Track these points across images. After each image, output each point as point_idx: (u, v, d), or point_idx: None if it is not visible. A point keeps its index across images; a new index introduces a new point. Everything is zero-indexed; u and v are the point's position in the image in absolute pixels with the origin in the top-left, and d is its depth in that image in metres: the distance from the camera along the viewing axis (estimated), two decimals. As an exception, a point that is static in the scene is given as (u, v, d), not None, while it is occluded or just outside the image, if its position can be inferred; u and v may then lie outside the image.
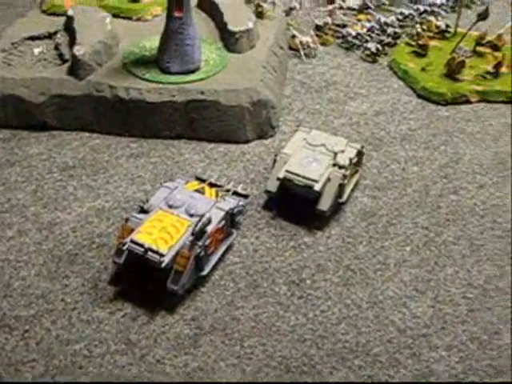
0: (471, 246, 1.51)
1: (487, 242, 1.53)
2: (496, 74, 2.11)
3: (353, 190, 1.63)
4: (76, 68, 1.76)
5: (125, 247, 1.28)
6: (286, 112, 1.93)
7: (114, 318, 1.29)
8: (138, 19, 2.11)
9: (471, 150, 1.84)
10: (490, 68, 2.12)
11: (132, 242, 1.28)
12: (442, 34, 2.34)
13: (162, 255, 1.25)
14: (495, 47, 2.25)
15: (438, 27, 2.34)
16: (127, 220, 1.34)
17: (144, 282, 1.34)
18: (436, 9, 2.54)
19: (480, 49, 2.25)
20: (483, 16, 2.15)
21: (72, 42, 1.86)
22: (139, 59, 1.84)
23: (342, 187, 1.52)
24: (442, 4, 2.57)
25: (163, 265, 1.25)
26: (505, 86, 2.08)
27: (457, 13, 2.36)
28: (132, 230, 1.31)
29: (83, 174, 1.65)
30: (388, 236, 1.53)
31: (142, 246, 1.27)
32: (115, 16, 2.06)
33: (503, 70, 2.13)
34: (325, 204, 1.50)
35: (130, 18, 2.11)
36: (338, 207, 1.56)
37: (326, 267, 1.43)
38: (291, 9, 2.33)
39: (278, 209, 1.56)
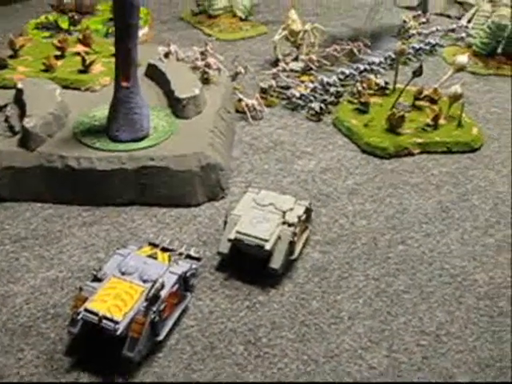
0: (422, 294, 1.56)
1: (437, 289, 1.58)
2: (435, 126, 2.21)
3: (304, 247, 1.66)
4: (26, 140, 1.78)
5: (79, 316, 1.28)
6: (235, 174, 1.97)
7: (70, 390, 1.28)
8: (87, 89, 2.15)
9: (416, 201, 1.90)
10: (428, 121, 2.22)
11: (86, 310, 1.28)
12: (381, 90, 2.44)
13: (116, 323, 1.25)
14: (432, 100, 2.36)
15: (377, 84, 2.44)
16: (81, 289, 1.35)
17: (101, 351, 1.33)
18: (375, 67, 2.65)
19: (418, 103, 2.35)
20: (418, 73, 2.26)
21: (22, 115, 1.88)
22: (89, 129, 1.87)
23: (292, 244, 1.55)
24: (381, 62, 2.68)
25: (118, 332, 1.25)
26: (444, 137, 2.18)
27: (394, 70, 2.47)
28: (86, 299, 1.31)
29: (36, 245, 1.65)
30: (340, 289, 1.56)
31: (96, 314, 1.27)
32: (65, 87, 2.10)
33: (441, 121, 2.23)
34: (276, 262, 1.53)
35: (79, 89, 2.15)
36: (289, 264, 1.60)
37: (281, 324, 1.45)
38: (236, 73, 2.40)
39: (231, 269, 1.59)
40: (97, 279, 1.37)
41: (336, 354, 1.38)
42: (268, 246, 1.50)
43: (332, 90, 2.42)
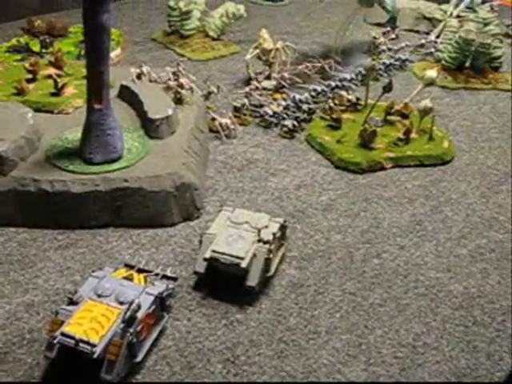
0: (398, 307, 1.58)
1: (412, 301, 1.59)
2: (406, 140, 2.24)
3: (280, 263, 1.67)
4: (-1, 164, 1.78)
5: (55, 341, 1.27)
6: (210, 193, 1.98)
7: (48, 416, 1.27)
8: (60, 112, 2.15)
9: (390, 214, 1.93)
10: (400, 135, 2.25)
11: (62, 334, 1.27)
12: (353, 106, 2.47)
13: (93, 345, 1.25)
14: (403, 115, 2.39)
15: (349, 100, 2.47)
16: (57, 313, 1.33)
17: (78, 375, 1.32)
18: (346, 83, 2.68)
19: (390, 118, 2.39)
20: (388, 88, 2.30)
21: (-6, 139, 1.87)
22: (62, 151, 1.87)
23: (268, 262, 1.56)
24: (352, 78, 2.72)
25: (95, 355, 1.24)
26: (415, 151, 2.21)
27: (365, 86, 2.51)
28: (62, 323, 1.30)
29: (11, 270, 1.64)
30: (317, 305, 1.57)
31: (72, 337, 1.26)
32: (37, 110, 2.09)
33: (413, 135, 2.27)
34: (253, 280, 1.53)
35: (51, 112, 2.14)
36: (266, 281, 1.60)
37: (259, 342, 1.45)
38: (209, 93, 2.41)
39: (208, 288, 1.59)
40: (73, 302, 1.36)
41: (314, 370, 1.39)
42: (244, 264, 1.50)
43: (304, 107, 2.44)
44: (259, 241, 1.57)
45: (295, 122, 2.34)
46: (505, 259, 1.75)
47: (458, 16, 3.44)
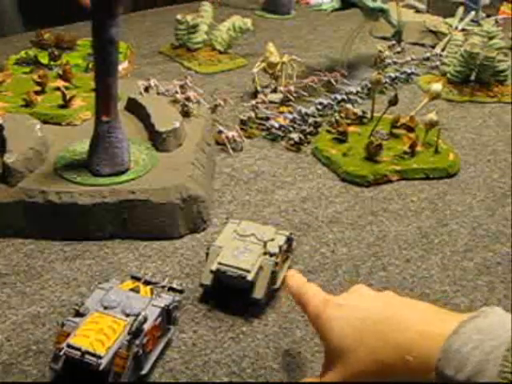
0: (403, 320, 1.57)
1: (418, 315, 1.59)
2: (412, 153, 2.25)
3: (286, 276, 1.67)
4: (7, 175, 1.78)
5: (61, 352, 1.27)
6: (216, 205, 1.98)
7: (53, 428, 1.27)
8: (68, 124, 2.16)
9: (396, 227, 1.93)
10: (406, 148, 2.26)
11: (68, 346, 1.27)
12: (359, 119, 2.48)
13: (99, 357, 1.25)
14: (409, 128, 2.40)
15: (355, 114, 2.48)
16: (63, 324, 1.34)
17: (84, 387, 1.33)
18: (352, 97, 2.69)
19: (395, 131, 2.39)
20: (393, 102, 2.31)
21: (2, 150, 1.88)
22: (70, 163, 1.88)
23: (274, 274, 1.56)
24: (358, 92, 2.73)
25: (101, 367, 1.24)
26: (421, 164, 2.22)
27: (371, 99, 2.52)
28: (68, 335, 1.30)
29: (17, 281, 1.64)
30: (323, 318, 1.56)
31: (78, 349, 1.26)
32: (45, 122, 2.10)
33: (418, 148, 2.27)
34: (259, 292, 1.53)
35: (59, 124, 2.16)
36: (272, 294, 1.60)
37: (265, 354, 1.45)
38: (216, 106, 2.42)
39: (214, 301, 1.58)
40: (79, 314, 1.36)
41: (320, 383, 1.39)
42: (250, 277, 1.50)
43: (310, 120, 2.44)
44: (265, 253, 1.57)
45: (301, 135, 2.35)
46: (511, 272, 1.75)
47: (463, 30, 3.46)
